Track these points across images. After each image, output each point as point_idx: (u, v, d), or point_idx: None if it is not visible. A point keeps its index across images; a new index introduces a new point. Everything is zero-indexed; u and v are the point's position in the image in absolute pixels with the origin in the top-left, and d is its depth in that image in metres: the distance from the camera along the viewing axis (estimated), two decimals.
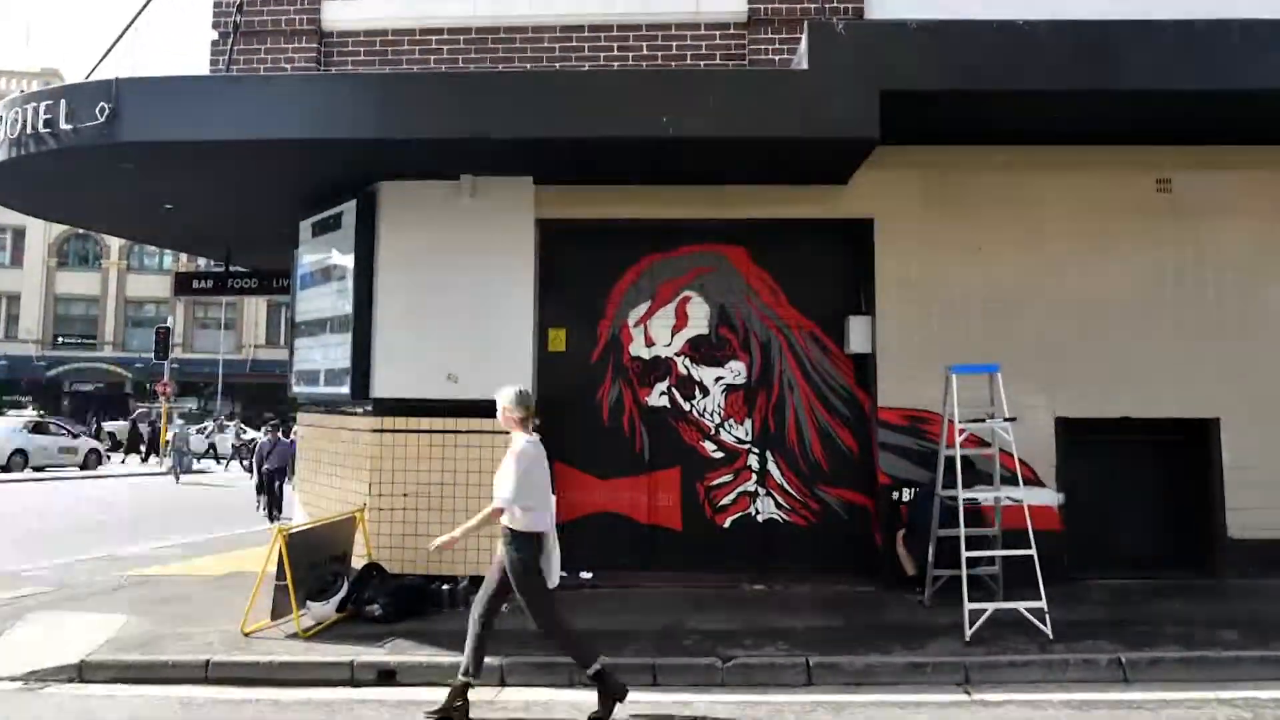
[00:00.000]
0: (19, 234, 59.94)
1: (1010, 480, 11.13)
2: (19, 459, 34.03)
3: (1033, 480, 11.25)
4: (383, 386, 11.77)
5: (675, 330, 12.39)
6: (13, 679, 8.53)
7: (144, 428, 46.67)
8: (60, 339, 60.86)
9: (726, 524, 12.13)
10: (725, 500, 12.18)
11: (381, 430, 11.71)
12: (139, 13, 13.17)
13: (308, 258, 13.44)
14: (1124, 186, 11.80)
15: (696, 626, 9.58)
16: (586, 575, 11.66)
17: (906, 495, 11.43)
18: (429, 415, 11.62)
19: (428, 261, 11.81)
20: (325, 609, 9.85)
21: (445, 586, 10.60)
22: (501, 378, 11.37)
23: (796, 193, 11.76)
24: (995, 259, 11.72)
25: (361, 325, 11.86)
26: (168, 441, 38.48)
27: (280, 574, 9.61)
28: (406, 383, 11.69)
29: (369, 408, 11.86)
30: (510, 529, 7.64)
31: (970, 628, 9.02)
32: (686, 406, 12.32)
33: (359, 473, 11.87)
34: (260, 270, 19.00)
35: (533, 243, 11.86)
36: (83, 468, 35.99)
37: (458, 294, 11.71)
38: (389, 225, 11.96)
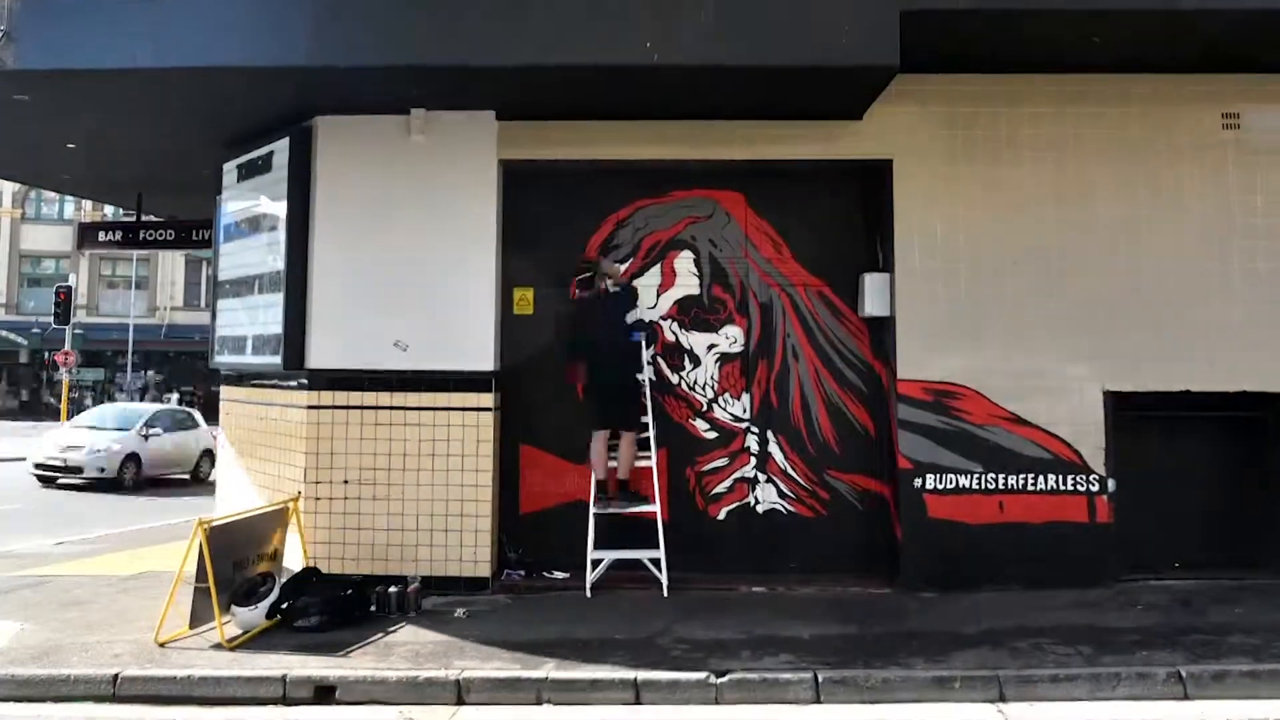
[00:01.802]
0: None
1: (1050, 464, 11.16)
2: None
3: (1078, 464, 11.24)
4: (320, 355, 11.68)
5: (661, 290, 12.32)
6: None
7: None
8: None
9: (721, 515, 12.10)
10: (720, 488, 12.15)
11: (319, 406, 11.62)
12: None
13: (232, 205, 13.31)
14: (1184, 123, 11.70)
15: (686, 634, 9.53)
16: (561, 575, 11.64)
17: (931, 482, 11.43)
18: (374, 389, 11.54)
19: (372, 209, 11.71)
20: (253, 615, 9.77)
21: (393, 589, 10.50)
22: (457, 345, 11.40)
23: (803, 130, 11.67)
24: (1034, 206, 11.62)
25: (295, 284, 11.75)
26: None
27: (201, 574, 9.52)
28: (347, 351, 11.60)
29: (304, 380, 11.76)
30: None
31: None
32: (674, 379, 12.27)
33: (292, 456, 11.80)
34: (177, 220, 18.83)
35: (495, 187, 11.76)
36: None
37: (407, 247, 11.61)
38: (327, 167, 11.84)
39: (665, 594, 10.93)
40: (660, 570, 11.11)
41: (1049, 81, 11.57)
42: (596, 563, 11.25)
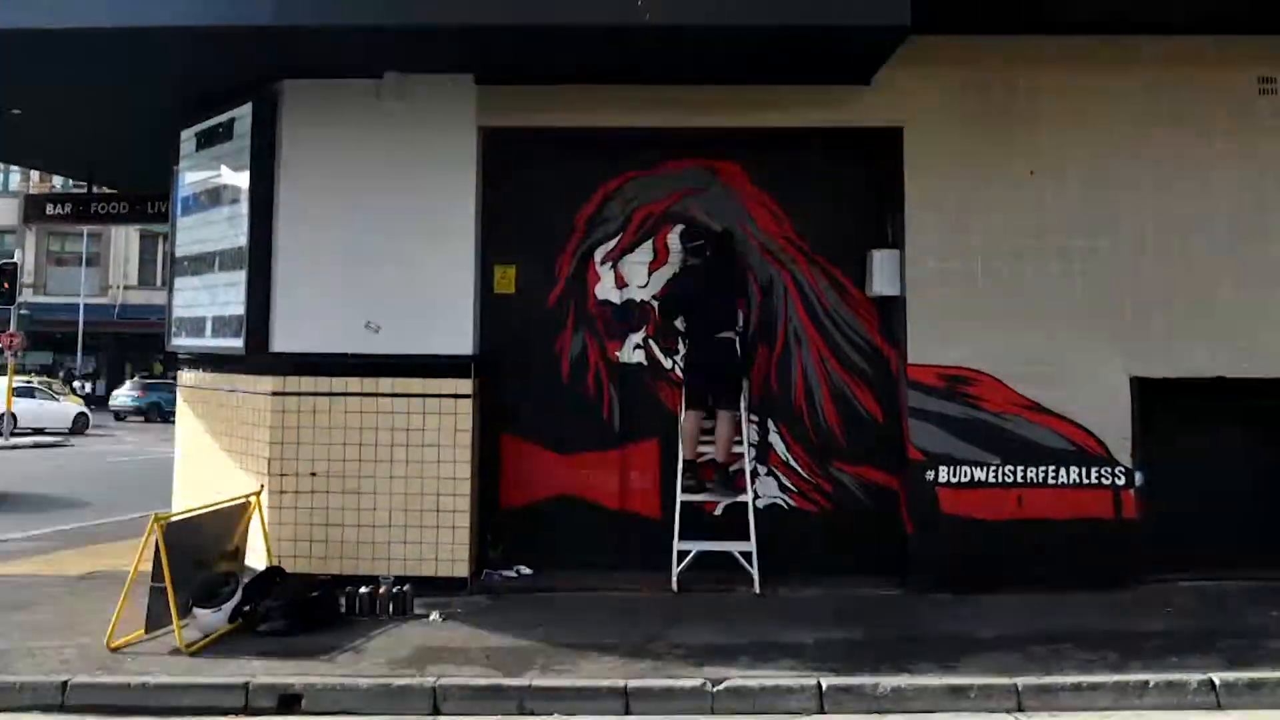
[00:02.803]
0: None
1: (1073, 456, 11.14)
2: None
3: (1102, 456, 11.22)
4: (285, 338, 11.65)
5: (654, 268, 12.28)
6: None
7: None
8: None
9: (717, 511, 12.01)
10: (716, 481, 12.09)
11: (284, 393, 11.57)
12: None
13: (191, 176, 13.25)
14: (1216, 87, 11.65)
15: (680, 639, 9.51)
16: (526, 571, 11.65)
17: (944, 475, 11.38)
18: (344, 374, 11.50)
19: (342, 180, 11.66)
20: (215, 618, 9.71)
21: (364, 589, 10.47)
22: (434, 326, 11.33)
23: (806, 95, 11.58)
24: (1057, 177, 11.57)
25: (258, 261, 11.70)
26: None
27: (157, 574, 9.47)
28: (315, 333, 11.56)
29: (268, 364, 11.70)
30: None
31: None
32: (667, 363, 12.23)
33: (255, 446, 11.76)
34: (131, 192, 18.79)
35: (474, 157, 11.71)
36: None
37: (379, 221, 11.55)
38: (293, 135, 11.80)
39: (758, 590, 10.99)
40: (752, 565, 11.16)
41: (1072, 43, 11.51)
42: (683, 554, 11.26)
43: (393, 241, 11.50)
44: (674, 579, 11.10)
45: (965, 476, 11.31)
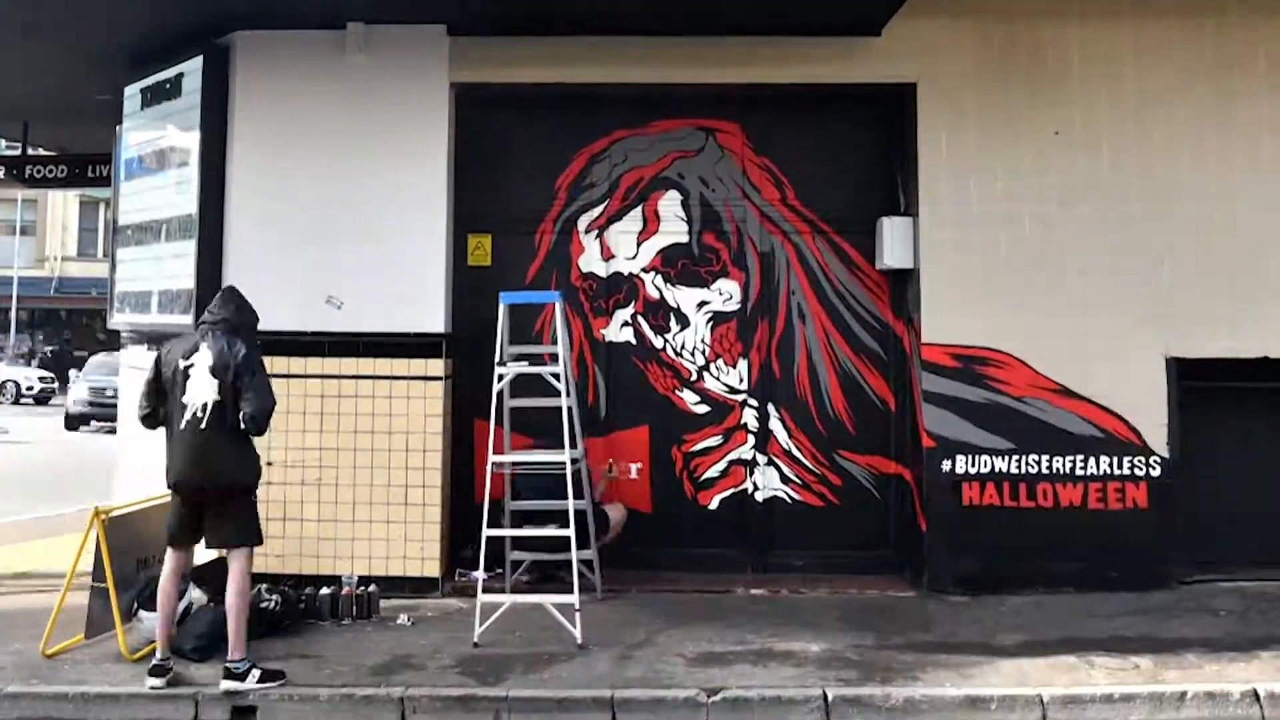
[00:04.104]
0: None
1: (1104, 444, 11.10)
2: None
3: (1136, 444, 11.17)
4: None
5: (643, 237, 12.25)
6: None
7: None
8: None
9: (713, 504, 12.05)
10: (712, 471, 12.10)
11: None
12: None
13: (136, 136, 13.17)
14: (1267, 39, 11.60)
15: (671, 645, 9.49)
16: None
17: (962, 465, 11.34)
18: (302, 354, 11.44)
19: (301, 142, 11.58)
20: None
21: (325, 591, 10.45)
22: (402, 301, 11.28)
23: (811, 48, 11.52)
24: (1086, 138, 11.51)
25: (209, 230, 11.62)
26: None
27: (98, 573, 9.43)
28: (271, 309, 11.27)
29: None
30: None
31: None
32: (658, 342, 12.21)
33: None
34: (69, 153, 18.70)
35: (447, 116, 11.65)
36: None
37: (342, 187, 11.48)
38: (247, 91, 11.72)
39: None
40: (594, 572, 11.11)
41: None
42: (516, 565, 11.23)
43: (357, 209, 11.43)
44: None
45: (985, 466, 11.27)
